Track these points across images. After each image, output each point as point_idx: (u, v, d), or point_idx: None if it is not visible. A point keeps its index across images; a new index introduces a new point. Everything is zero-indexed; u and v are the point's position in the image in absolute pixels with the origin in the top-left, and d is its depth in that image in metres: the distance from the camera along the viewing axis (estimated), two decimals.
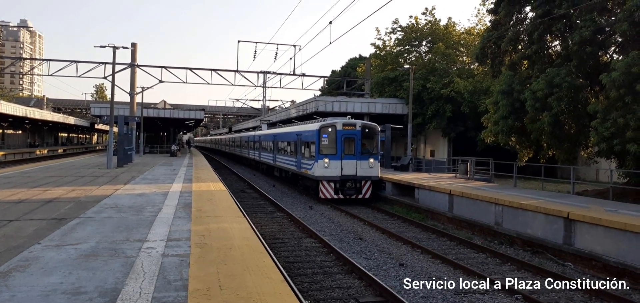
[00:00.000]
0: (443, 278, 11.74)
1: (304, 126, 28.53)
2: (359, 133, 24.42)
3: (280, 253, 13.71)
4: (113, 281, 6.66)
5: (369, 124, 25.23)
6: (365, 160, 24.38)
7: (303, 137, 26.76)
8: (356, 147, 24.34)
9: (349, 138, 24.31)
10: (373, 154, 24.71)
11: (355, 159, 24.31)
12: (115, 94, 33.35)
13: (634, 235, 11.59)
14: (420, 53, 46.29)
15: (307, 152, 25.74)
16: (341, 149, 24.08)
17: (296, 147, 28.07)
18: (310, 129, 25.77)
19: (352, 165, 24.23)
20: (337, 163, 24.05)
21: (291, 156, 29.54)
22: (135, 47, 41.40)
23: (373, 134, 24.95)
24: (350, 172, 24.23)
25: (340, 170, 24.08)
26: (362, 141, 24.43)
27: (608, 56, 22.92)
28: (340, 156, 24.08)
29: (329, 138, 24.09)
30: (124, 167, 30.20)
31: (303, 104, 47.61)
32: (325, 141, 24.09)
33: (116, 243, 8.90)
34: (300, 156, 27.09)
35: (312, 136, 24.82)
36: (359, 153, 24.34)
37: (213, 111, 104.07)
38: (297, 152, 27.87)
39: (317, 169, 24.09)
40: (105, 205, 13.66)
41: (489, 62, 28.10)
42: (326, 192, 24.09)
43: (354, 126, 24.46)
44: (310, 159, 24.94)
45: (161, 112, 54.90)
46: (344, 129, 24.19)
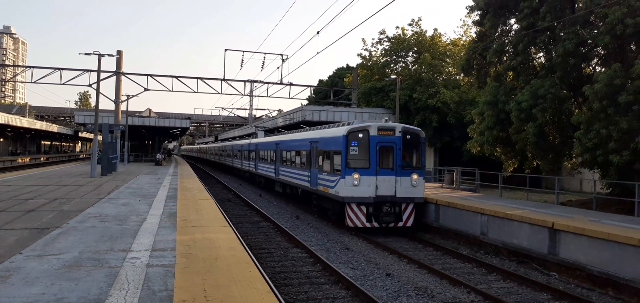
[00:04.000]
0: (429, 288, 11.75)
1: (321, 131, 22.82)
2: (399, 141, 18.87)
3: (267, 264, 13.61)
4: (96, 292, 6.54)
5: (412, 129, 19.76)
6: (406, 176, 18.90)
7: (321, 145, 21.36)
8: (395, 159, 18.81)
9: (386, 146, 18.80)
10: (417, 169, 19.29)
11: (393, 174, 18.74)
12: (100, 102, 33.08)
13: (617, 245, 11.72)
14: (407, 64, 46.64)
15: (327, 164, 20.27)
16: (376, 161, 18.55)
17: (309, 158, 22.76)
18: (333, 136, 20.14)
19: (389, 183, 18.65)
20: (371, 180, 18.44)
21: (302, 168, 24.18)
22: (120, 54, 41.10)
23: (417, 142, 19.48)
24: (387, 192, 18.60)
25: (374, 189, 18.44)
26: (402, 151, 18.94)
27: (591, 68, 23.30)
28: (374, 171, 18.52)
29: (360, 146, 18.63)
30: (108, 176, 29.84)
31: (290, 113, 47.61)
32: (354, 151, 18.60)
33: (100, 253, 8.76)
34: (315, 169, 21.78)
35: (336, 144, 19.30)
36: (399, 166, 18.80)
37: (199, 120, 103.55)
38: (310, 164, 22.57)
39: (342, 187, 18.43)
40: (89, 214, 13.45)
41: (474, 73, 28.40)
42: (355, 218, 18.46)
43: (392, 131, 18.97)
44: (333, 173, 19.42)
45: (146, 120, 54.48)
46: (380, 135, 18.71)
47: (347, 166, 18.44)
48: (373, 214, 18.55)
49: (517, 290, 12.04)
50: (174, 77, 42.97)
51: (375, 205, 18.54)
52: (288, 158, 27.39)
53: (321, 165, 21.03)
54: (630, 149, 16.68)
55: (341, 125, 21.08)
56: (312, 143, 22.43)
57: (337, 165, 19.14)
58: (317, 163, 21.54)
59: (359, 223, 18.41)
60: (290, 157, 26.96)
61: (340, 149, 18.85)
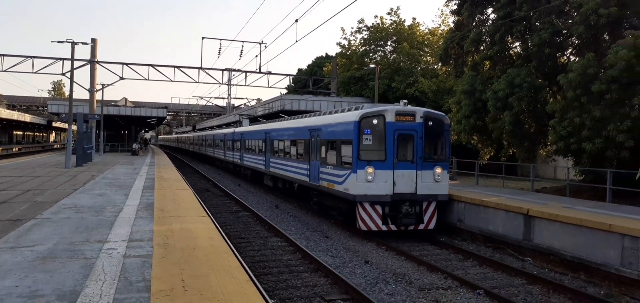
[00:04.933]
0: (407, 275, 11.89)
1: (324, 117, 19.83)
2: (420, 128, 16.15)
3: (246, 253, 13.58)
4: (72, 283, 6.45)
5: (435, 114, 17.09)
6: (428, 170, 16.24)
7: (324, 133, 18.64)
8: (416, 149, 16.12)
9: (405, 134, 16.10)
10: (440, 161, 16.60)
11: (413, 168, 16.07)
12: (74, 91, 32.41)
13: (589, 230, 12.02)
14: (386, 53, 46.82)
15: (332, 156, 17.59)
16: (393, 152, 15.85)
17: (309, 148, 19.98)
18: (340, 122, 17.45)
19: (409, 178, 16.00)
20: (387, 175, 15.75)
21: (299, 160, 21.39)
22: (95, 43, 40.29)
23: (440, 130, 16.74)
24: (406, 189, 15.93)
25: (391, 186, 15.77)
26: (424, 140, 16.24)
27: (565, 57, 23.71)
28: (391, 164, 15.81)
29: (374, 135, 15.93)
30: (84, 166, 29.35)
31: (269, 102, 47.40)
32: (367, 140, 15.88)
33: (75, 244, 8.63)
34: (316, 161, 19.02)
35: (345, 132, 16.63)
36: (421, 158, 16.13)
37: (176, 109, 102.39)
38: (309, 155, 19.83)
39: (353, 183, 15.75)
40: (64, 205, 13.23)
41: (452, 62, 28.65)
42: (368, 220, 15.76)
43: (412, 116, 16.24)
44: (340, 167, 16.71)
45: (122, 110, 53.71)
46: (398, 121, 15.98)
47: (359, 158, 15.65)
48: (390, 215, 15.88)
49: (492, 276, 12.27)
50: (150, 65, 42.39)
51: (393, 204, 15.87)
52: (281, 149, 24.53)
53: (324, 157, 18.24)
54: (602, 137, 17.07)
55: (349, 110, 18.09)
56: (312, 131, 19.67)
57: (346, 157, 16.41)
58: (319, 155, 18.75)
59: (373, 226, 15.73)
60: (283, 147, 24.11)
61: (350, 138, 16.07)
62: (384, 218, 15.84)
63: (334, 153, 17.36)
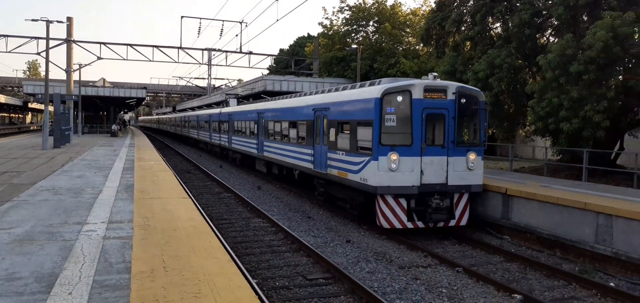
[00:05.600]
0: (387, 253, 12.03)
1: (333, 94, 17.05)
2: (451, 106, 13.78)
3: (228, 234, 13.57)
4: (50, 265, 6.38)
5: (469, 90, 14.59)
6: (461, 156, 13.99)
7: (334, 113, 16.01)
8: (447, 131, 13.81)
9: (434, 113, 13.79)
10: (474, 145, 14.37)
11: (444, 154, 13.78)
12: (51, 71, 31.76)
13: (565, 209, 12.29)
14: (368, 33, 46.72)
15: (344, 139, 15.17)
16: (421, 135, 13.47)
17: (313, 130, 17.59)
18: (357, 99, 14.89)
19: (439, 166, 13.72)
20: (414, 162, 13.41)
21: (300, 144, 19.02)
22: (70, 21, 39.37)
23: (475, 108, 14.43)
24: (436, 178, 13.67)
25: (418, 175, 13.44)
26: (457, 120, 13.87)
27: (545, 38, 23.97)
28: (418, 149, 13.44)
29: (399, 114, 13.47)
30: (62, 148, 28.86)
31: (250, 82, 47.05)
32: (391, 121, 13.39)
33: (53, 226, 8.52)
34: (323, 145, 16.66)
35: (364, 111, 14.08)
36: (452, 142, 13.82)
37: (156, 90, 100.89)
38: (314, 138, 17.46)
39: (373, 172, 13.33)
40: (41, 187, 13.03)
41: (433, 43, 28.73)
42: (391, 216, 13.38)
43: (443, 92, 13.79)
44: (356, 153, 14.25)
45: (100, 90, 52.77)
46: (427, 99, 13.55)
47: (380, 142, 13.20)
48: (416, 210, 13.61)
49: (471, 253, 12.49)
50: (128, 45, 41.68)
51: (420, 197, 13.58)
52: (278, 131, 22.09)
53: (333, 141, 15.85)
54: (579, 118, 17.36)
55: (371, 84, 14.99)
56: (318, 110, 17.24)
57: (364, 141, 13.98)
58: (327, 138, 16.33)
59: (396, 223, 13.37)
60: (280, 130, 21.71)
61: (369, 118, 13.57)
62: (410, 214, 13.51)
63: (347, 137, 14.97)
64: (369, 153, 13.59)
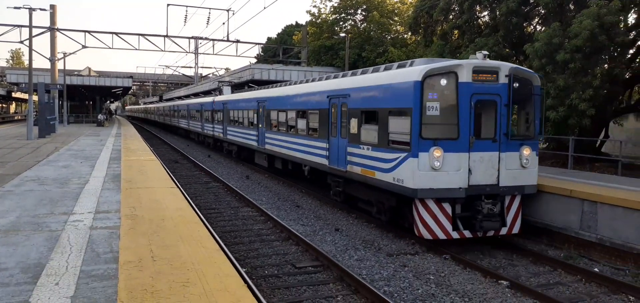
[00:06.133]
0: (376, 241, 12.09)
1: (357, 78, 14.54)
2: (504, 91, 11.68)
3: (217, 224, 13.54)
4: (36, 256, 6.32)
5: (523, 72, 12.29)
6: (514, 151, 11.90)
7: (356, 101, 13.94)
8: (499, 122, 11.75)
9: (484, 100, 11.73)
10: (528, 138, 12.25)
11: (495, 149, 11.72)
12: (35, 60, 31.31)
13: (551, 196, 12.42)
14: (356, 22, 46.63)
15: (371, 132, 12.95)
16: (469, 126, 11.40)
17: (327, 121, 15.50)
18: (388, 83, 12.52)
19: (489, 163, 11.63)
20: (461, 160, 11.34)
21: (311, 137, 16.91)
22: (54, 9, 38.67)
23: (529, 93, 12.22)
24: (485, 178, 11.59)
25: (466, 175, 11.38)
26: (510, 109, 11.78)
27: (532, 27, 24.12)
28: (466, 143, 11.36)
29: (442, 101, 11.33)
30: (47, 138, 28.53)
31: (238, 71, 46.75)
32: (433, 109, 11.26)
33: (39, 217, 8.43)
34: (341, 139, 14.55)
35: (399, 97, 11.89)
36: (505, 134, 11.76)
37: (142, 79, 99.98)
38: (329, 130, 15.42)
39: (411, 172, 11.18)
40: (26, 177, 12.87)
41: (421, 31, 28.77)
42: (433, 224, 11.28)
43: (495, 74, 11.64)
44: (388, 148, 12.10)
45: (86, 79, 52.19)
46: (476, 82, 11.43)
47: (421, 135, 11.00)
48: (462, 216, 11.51)
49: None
50: (114, 33, 41.10)
51: (467, 201, 11.50)
52: (282, 121, 19.93)
53: (355, 133, 13.71)
54: (565, 106, 17.54)
55: (411, 65, 12.48)
56: (335, 98, 15.08)
57: (398, 134, 11.83)
58: (346, 130, 14.23)
59: (440, 233, 11.25)
60: (286, 120, 19.47)
61: (407, 106, 11.39)
62: (454, 221, 11.43)
63: (374, 129, 12.78)
64: (405, 149, 11.42)
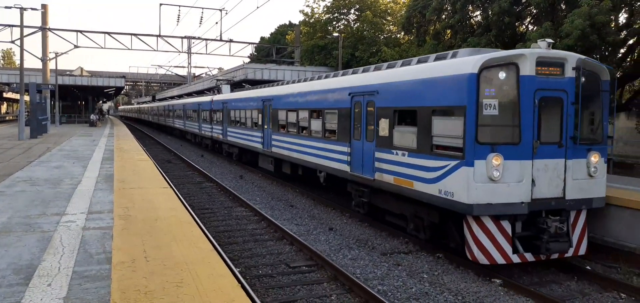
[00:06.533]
0: (370, 241, 12.12)
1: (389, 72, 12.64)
2: (570, 86, 9.91)
3: (210, 224, 13.51)
4: (28, 257, 6.28)
5: (591, 64, 10.36)
6: (581, 158, 10.14)
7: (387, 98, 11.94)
8: (565, 123, 9.94)
9: (549, 97, 9.83)
10: (595, 142, 10.38)
11: (561, 155, 9.93)
12: (26, 60, 31.11)
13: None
14: (349, 21, 46.71)
15: (406, 135, 11.17)
16: (533, 128, 9.61)
17: (349, 121, 13.66)
18: (432, 76, 10.61)
19: (554, 172, 9.85)
20: (523, 168, 9.55)
21: (328, 140, 15.12)
22: (45, 8, 38.46)
23: (596, 89, 10.36)
24: (550, 190, 9.82)
25: (529, 187, 9.57)
26: (578, 108, 9.91)
27: (524, 26, 24.26)
28: (529, 148, 9.57)
29: (501, 98, 9.53)
30: (39, 138, 28.35)
31: (231, 71, 46.69)
32: (491, 108, 9.43)
33: (31, 218, 8.38)
34: (366, 142, 12.76)
35: (446, 93, 10.05)
36: (571, 138, 9.97)
37: (135, 78, 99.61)
38: (350, 132, 13.59)
39: (465, 183, 9.38)
40: (18, 178, 12.78)
41: (414, 31, 28.88)
42: (490, 246, 9.52)
43: (560, 66, 9.87)
44: (431, 154, 10.26)
45: (78, 79, 51.94)
46: (540, 75, 9.66)
47: (477, 139, 9.16)
48: (523, 237, 9.71)
49: None
50: (106, 33, 40.91)
51: (530, 218, 9.68)
52: (293, 122, 18.07)
53: (386, 136, 11.79)
54: None
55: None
56: (359, 95, 13.20)
57: (445, 137, 9.94)
58: (374, 132, 12.34)
59: (498, 256, 9.43)
60: (297, 120, 17.65)
61: (459, 103, 9.50)
62: (512, 242, 9.58)
63: (412, 131, 10.85)
64: (456, 155, 9.56)
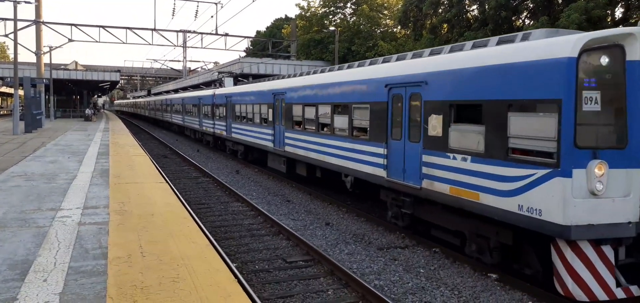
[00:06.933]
0: (366, 235, 12.12)
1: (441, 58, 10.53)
2: None
3: (207, 219, 13.48)
4: (24, 252, 6.25)
5: None
6: None
7: (437, 89, 9.98)
8: None
9: None
10: None
11: None
12: (20, 54, 30.86)
13: None
14: (345, 15, 46.61)
15: (468, 136, 9.15)
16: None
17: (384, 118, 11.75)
18: (510, 62, 8.24)
19: None
20: (631, 178, 7.40)
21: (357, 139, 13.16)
22: (39, 2, 38.19)
23: None
24: None
25: (637, 202, 7.39)
26: None
27: (521, 21, 24.26)
28: (637, 153, 7.40)
29: (604, 90, 7.35)
30: (33, 133, 28.22)
31: (227, 65, 46.55)
32: (592, 101, 7.28)
33: (26, 213, 8.33)
34: (409, 142, 10.85)
35: (530, 84, 7.81)
36: None
37: (130, 73, 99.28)
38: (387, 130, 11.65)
39: (558, 198, 7.23)
40: (13, 173, 12.72)
41: (411, 25, 28.88)
42: (589, 278, 7.32)
43: None
44: (508, 160, 8.12)
45: (73, 73, 51.73)
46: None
47: (576, 142, 7.27)
48: (624, 265, 7.77)
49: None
50: (100, 27, 40.74)
51: (636, 241, 7.71)
52: (311, 119, 16.19)
53: (440, 135, 9.72)
54: None
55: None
56: (399, 86, 11.20)
57: (530, 139, 7.94)
58: (421, 130, 10.31)
59: (599, 291, 7.40)
60: (316, 116, 15.72)
61: (551, 96, 7.51)
62: (613, 270, 7.56)
63: (478, 130, 8.78)
64: (546, 162, 7.58)
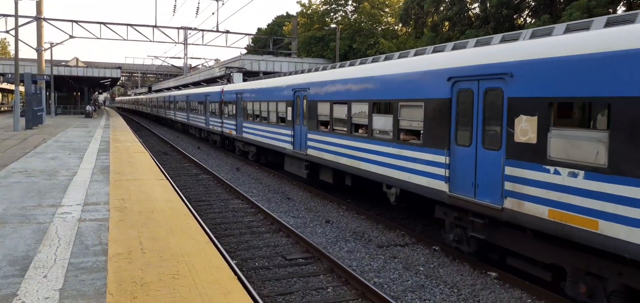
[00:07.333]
0: (366, 233, 12.13)
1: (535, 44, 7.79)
2: None
3: (207, 216, 13.49)
4: (24, 248, 6.26)
5: None
6: None
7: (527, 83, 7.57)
8: None
9: None
10: None
11: None
12: (21, 50, 30.86)
13: None
14: (346, 13, 46.57)
15: (579, 145, 6.86)
16: None
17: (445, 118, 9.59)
18: None
19: None
20: None
21: (404, 144, 11.10)
22: None
23: None
24: None
25: None
26: None
27: (522, 19, 24.22)
28: None
29: None
30: (34, 129, 28.25)
31: (227, 62, 46.54)
32: None
33: (27, 209, 8.35)
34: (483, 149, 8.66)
35: None
36: None
37: (131, 69, 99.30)
38: (449, 134, 9.49)
39: None
40: (13, 169, 12.73)
41: (412, 23, 28.84)
42: None
43: None
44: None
45: (73, 70, 51.72)
46: None
47: None
48: None
49: None
50: (101, 23, 40.77)
51: None
52: (341, 119, 14.03)
53: (533, 142, 7.58)
54: None
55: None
56: (464, 79, 9.13)
57: None
58: (502, 135, 8.25)
59: None
60: (348, 116, 13.53)
61: None
62: None
63: (596, 137, 6.80)
64: None
